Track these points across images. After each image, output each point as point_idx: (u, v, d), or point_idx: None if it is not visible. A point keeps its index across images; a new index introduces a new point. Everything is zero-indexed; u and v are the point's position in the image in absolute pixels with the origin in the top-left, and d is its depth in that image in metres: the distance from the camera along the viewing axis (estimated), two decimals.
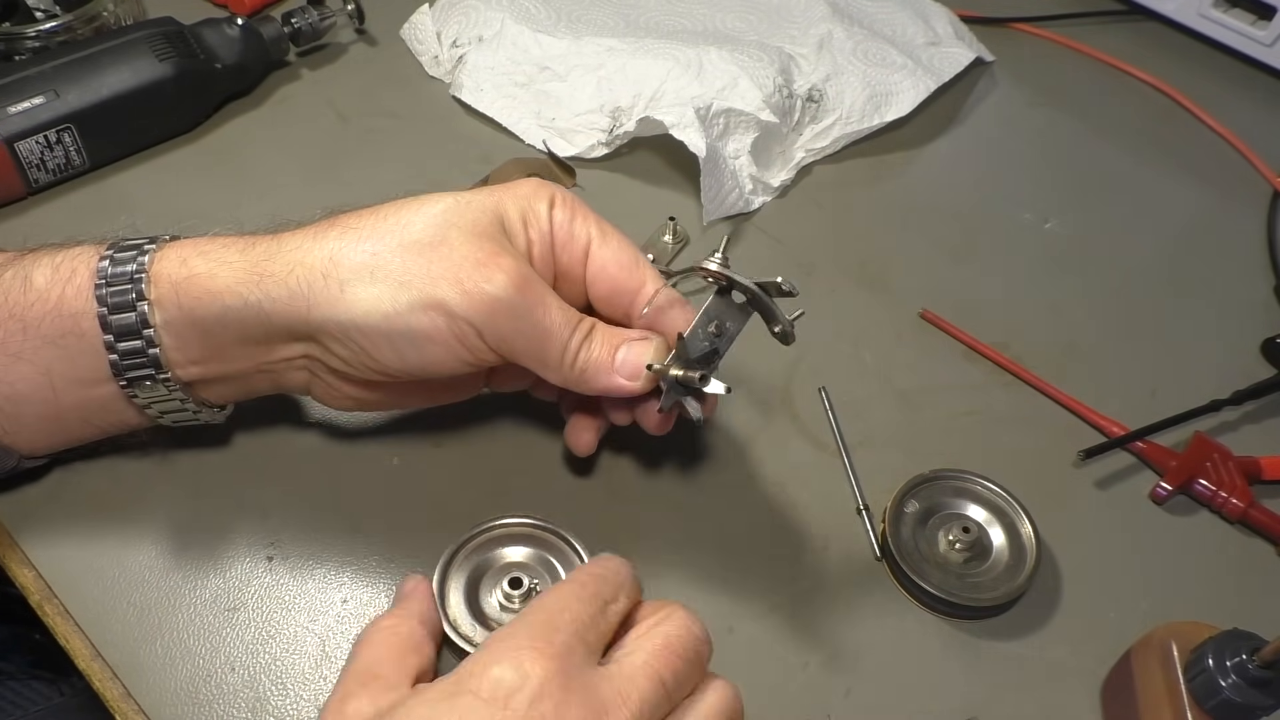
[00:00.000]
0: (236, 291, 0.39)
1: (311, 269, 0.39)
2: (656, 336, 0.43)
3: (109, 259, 0.40)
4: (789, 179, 0.67)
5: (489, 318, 0.39)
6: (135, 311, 0.40)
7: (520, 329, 0.40)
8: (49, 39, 0.63)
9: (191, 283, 0.40)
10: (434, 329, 0.39)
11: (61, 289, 0.40)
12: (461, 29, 0.71)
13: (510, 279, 0.39)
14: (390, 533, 0.47)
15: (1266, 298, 0.64)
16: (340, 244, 0.40)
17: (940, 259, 0.64)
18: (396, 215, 0.40)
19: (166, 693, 0.42)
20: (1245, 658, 0.38)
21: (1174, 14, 0.83)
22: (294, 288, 0.39)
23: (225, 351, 0.41)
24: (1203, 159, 0.74)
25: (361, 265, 0.39)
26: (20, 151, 0.57)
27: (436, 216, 0.40)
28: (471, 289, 0.38)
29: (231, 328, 0.40)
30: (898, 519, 0.49)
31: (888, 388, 0.56)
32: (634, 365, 0.41)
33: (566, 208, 0.43)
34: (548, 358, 0.41)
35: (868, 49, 0.71)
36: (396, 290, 0.39)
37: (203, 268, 0.40)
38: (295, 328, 0.40)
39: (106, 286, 0.40)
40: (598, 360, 0.41)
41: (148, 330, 0.40)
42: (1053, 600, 0.48)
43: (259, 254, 0.40)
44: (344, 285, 0.39)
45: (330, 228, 0.41)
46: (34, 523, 0.46)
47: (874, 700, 0.44)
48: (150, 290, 0.40)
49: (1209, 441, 0.53)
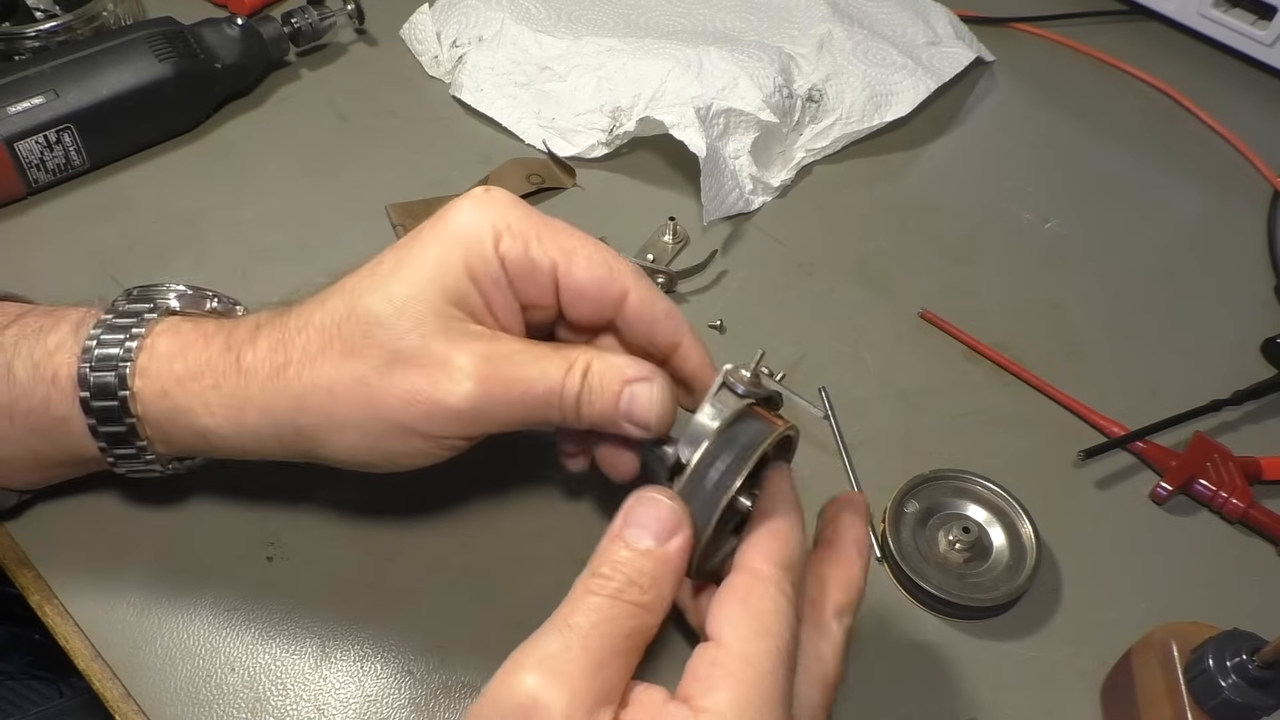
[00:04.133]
0: (218, 433, 0.39)
1: (286, 408, 0.38)
2: (658, 376, 0.39)
3: (89, 363, 0.39)
4: (789, 179, 0.67)
5: (462, 423, 0.38)
6: (123, 424, 0.40)
7: (502, 413, 0.38)
8: (49, 39, 0.63)
9: (175, 419, 0.39)
10: (417, 450, 0.39)
11: (46, 390, 0.40)
12: (461, 29, 0.71)
13: (471, 382, 0.37)
14: (391, 533, 0.47)
15: (1266, 298, 0.64)
16: (301, 381, 0.38)
17: (940, 259, 0.64)
18: (341, 334, 0.38)
19: (166, 693, 0.42)
20: (1245, 658, 0.38)
21: (1174, 14, 0.83)
22: (271, 428, 0.39)
23: (218, 454, 0.41)
24: (1203, 159, 0.74)
25: (327, 408, 0.38)
26: (20, 151, 0.57)
27: (380, 330, 0.37)
28: (435, 410, 0.37)
29: (215, 447, 0.41)
30: (898, 519, 0.49)
31: (888, 388, 0.56)
32: (642, 415, 0.39)
33: (516, 237, 0.38)
34: (549, 419, 0.39)
35: (868, 49, 0.71)
36: (367, 420, 0.38)
37: (183, 402, 0.39)
38: (274, 448, 0.40)
39: (91, 399, 0.39)
40: (602, 413, 0.39)
41: (138, 438, 0.40)
42: (1053, 600, 0.48)
43: (234, 388, 0.39)
44: (315, 430, 0.38)
45: (296, 335, 0.39)
46: (34, 523, 0.46)
47: (874, 700, 0.44)
48: (136, 406, 0.39)
49: (1209, 441, 0.53)
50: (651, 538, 0.34)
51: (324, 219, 0.61)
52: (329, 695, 0.42)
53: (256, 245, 0.58)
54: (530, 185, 0.63)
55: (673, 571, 0.34)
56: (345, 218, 0.61)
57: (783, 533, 0.36)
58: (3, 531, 0.46)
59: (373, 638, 0.44)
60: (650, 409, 0.39)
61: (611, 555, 0.33)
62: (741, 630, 0.33)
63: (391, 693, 0.42)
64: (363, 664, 0.43)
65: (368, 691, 0.42)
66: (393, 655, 0.43)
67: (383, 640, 0.44)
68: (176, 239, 0.58)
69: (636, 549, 0.33)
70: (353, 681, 0.43)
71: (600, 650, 0.31)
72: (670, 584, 0.34)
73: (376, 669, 0.43)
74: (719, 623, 0.33)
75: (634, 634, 0.32)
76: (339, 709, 0.42)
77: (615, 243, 0.58)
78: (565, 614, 0.32)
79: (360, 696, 0.42)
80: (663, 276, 0.58)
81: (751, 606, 0.33)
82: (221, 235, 0.59)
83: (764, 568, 0.35)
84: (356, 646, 0.44)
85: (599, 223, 0.61)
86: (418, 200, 0.62)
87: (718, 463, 0.36)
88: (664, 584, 0.33)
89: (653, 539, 0.34)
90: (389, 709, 0.42)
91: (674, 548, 0.34)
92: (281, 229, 0.60)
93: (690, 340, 0.41)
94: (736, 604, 0.34)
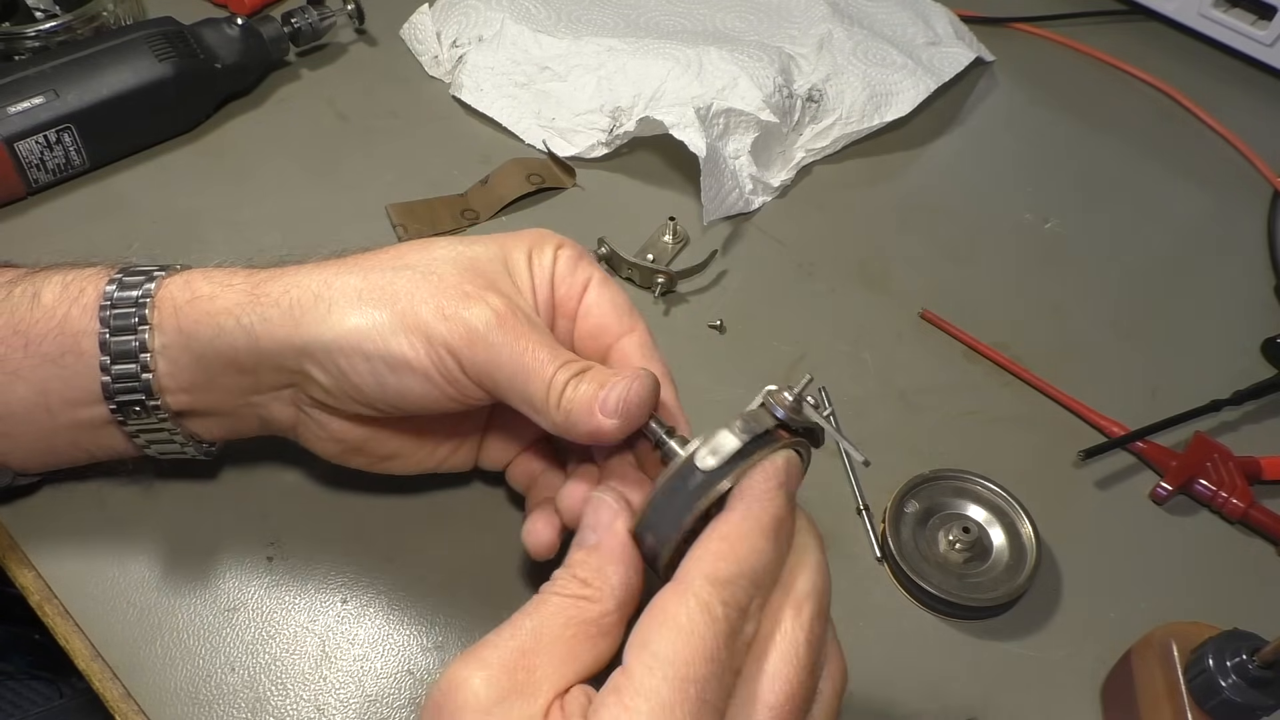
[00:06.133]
0: (233, 313, 0.40)
1: (305, 290, 0.40)
2: (646, 373, 0.38)
3: (117, 282, 0.41)
4: (789, 179, 0.67)
5: (467, 347, 0.38)
6: (135, 335, 0.40)
7: (499, 363, 0.38)
8: (49, 39, 0.63)
9: (194, 305, 0.40)
10: (412, 353, 0.38)
11: (68, 308, 0.41)
12: (461, 29, 0.71)
13: (493, 312, 0.38)
14: (390, 533, 0.47)
15: (1266, 298, 0.64)
16: (336, 271, 0.40)
17: (940, 259, 0.64)
18: (398, 251, 0.41)
19: (166, 693, 0.42)
20: (1245, 658, 0.38)
21: (1174, 14, 0.83)
22: (286, 308, 0.39)
23: (215, 381, 0.41)
24: (1203, 159, 0.74)
25: (351, 289, 0.39)
26: (20, 151, 0.57)
27: (437, 254, 0.40)
28: (451, 315, 0.38)
29: (224, 353, 0.40)
30: (898, 519, 0.49)
31: (888, 388, 0.56)
32: (615, 402, 0.37)
33: (573, 251, 0.43)
34: (532, 396, 0.38)
35: (868, 49, 0.71)
36: (379, 312, 0.39)
37: (205, 290, 0.41)
38: (283, 353, 0.40)
39: (111, 309, 0.40)
40: (583, 398, 0.38)
41: (144, 355, 0.40)
42: (1053, 600, 0.48)
43: (260, 278, 0.41)
44: (331, 306, 0.39)
45: (331, 261, 0.41)
46: (34, 523, 0.46)
47: (874, 700, 0.44)
48: (153, 315, 0.40)
49: (1209, 441, 0.53)
50: (593, 534, 0.35)
51: (323, 219, 0.61)
52: (329, 695, 0.42)
53: (256, 245, 0.58)
54: (530, 185, 0.63)
55: (612, 558, 0.34)
56: (345, 218, 0.61)
57: (732, 537, 0.32)
58: (3, 531, 0.46)
59: (373, 638, 0.44)
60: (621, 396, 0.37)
61: (566, 560, 0.35)
62: (645, 657, 0.30)
63: (391, 693, 0.42)
64: (363, 664, 0.43)
65: (368, 691, 0.42)
66: (393, 655, 0.43)
67: (383, 640, 0.44)
68: (176, 239, 0.58)
69: (583, 549, 0.35)
70: (353, 681, 0.43)
71: (530, 641, 0.32)
72: (614, 569, 0.34)
73: (376, 669, 0.43)
74: (630, 643, 0.31)
75: (571, 623, 0.32)
76: (339, 709, 0.42)
77: (615, 243, 0.59)
78: (516, 613, 0.33)
79: (360, 696, 0.42)
80: (663, 276, 0.58)
81: (665, 627, 0.30)
82: (221, 235, 0.59)
83: (693, 580, 0.31)
84: (356, 646, 0.44)
85: (599, 223, 0.61)
86: (418, 200, 0.62)
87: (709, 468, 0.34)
88: (606, 571, 0.34)
89: (594, 535, 0.35)
90: (389, 709, 0.42)
91: (607, 537, 0.34)
92: (281, 229, 0.60)
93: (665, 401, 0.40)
94: (651, 624, 0.31)
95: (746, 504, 0.33)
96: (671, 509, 0.34)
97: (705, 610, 0.30)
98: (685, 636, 0.30)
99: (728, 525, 0.32)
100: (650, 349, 0.42)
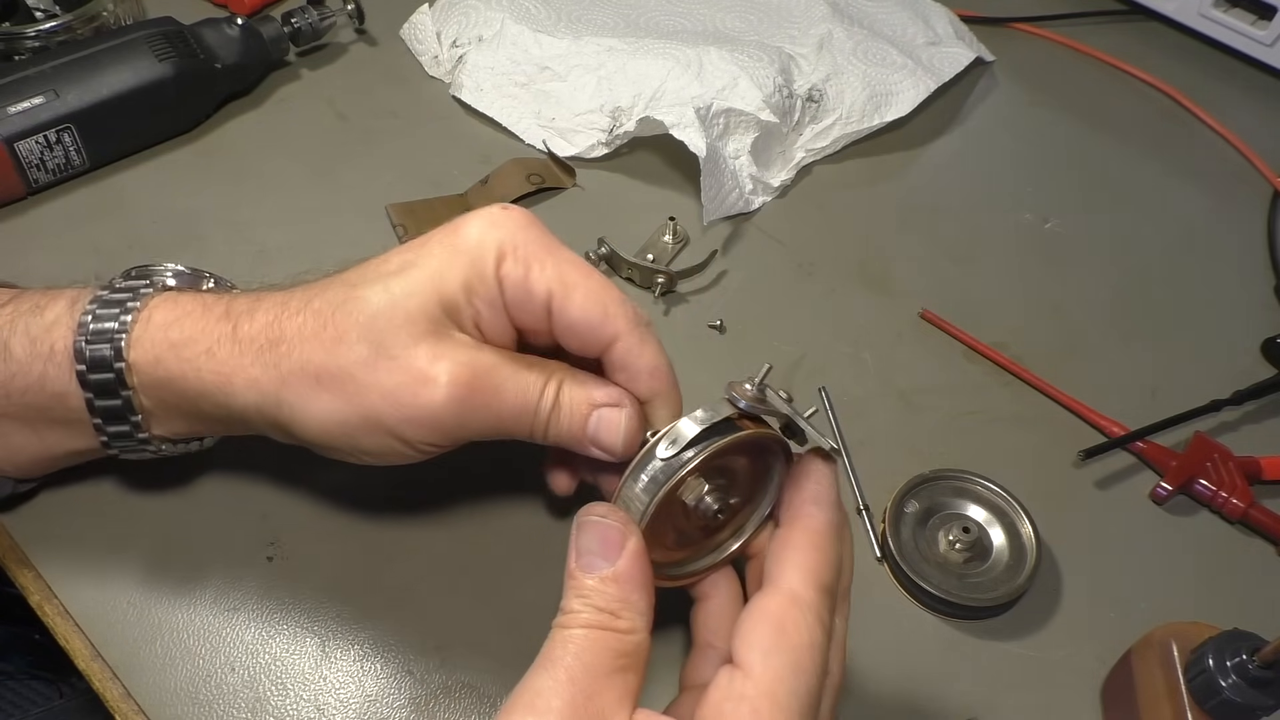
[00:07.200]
0: (208, 398, 0.39)
1: (272, 383, 0.39)
2: (626, 403, 0.39)
3: (85, 334, 0.39)
4: (789, 179, 0.67)
5: (437, 429, 0.38)
6: (119, 398, 0.40)
7: (476, 423, 0.38)
8: (49, 39, 0.63)
9: (168, 386, 0.40)
10: (389, 447, 0.38)
11: (43, 366, 0.40)
12: (461, 29, 0.71)
13: (451, 386, 0.37)
14: (391, 533, 0.47)
15: (1266, 298, 0.64)
16: (290, 360, 0.38)
17: (940, 259, 0.64)
18: (334, 321, 0.38)
19: (166, 693, 0.42)
20: (1245, 658, 0.38)
21: (1174, 14, 0.83)
22: (257, 399, 0.39)
23: (204, 414, 0.41)
24: (1203, 159, 0.74)
25: (311, 392, 0.38)
26: (20, 151, 0.57)
27: (373, 323, 0.37)
28: (411, 412, 0.37)
29: (210, 413, 0.40)
30: (898, 519, 0.49)
31: (888, 388, 0.56)
32: (608, 441, 0.39)
33: (519, 260, 0.38)
34: (518, 434, 0.39)
35: (868, 49, 0.71)
36: (345, 409, 0.38)
37: (176, 368, 0.39)
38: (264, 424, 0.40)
39: (88, 372, 0.39)
40: (570, 434, 0.39)
41: (134, 416, 0.40)
42: (1053, 600, 0.48)
43: (227, 355, 0.39)
44: (295, 411, 0.38)
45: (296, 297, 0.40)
46: (34, 523, 0.46)
47: (874, 700, 0.44)
48: (130, 376, 0.39)
49: (1209, 441, 0.53)
50: (603, 560, 0.34)
51: (323, 219, 0.61)
52: (329, 695, 0.42)
53: (256, 245, 0.58)
54: (530, 185, 0.63)
55: (636, 585, 0.34)
56: (345, 217, 0.61)
57: (824, 546, 0.34)
58: (3, 531, 0.46)
59: (373, 638, 0.44)
60: (616, 435, 0.39)
61: (575, 589, 0.33)
62: (774, 665, 0.31)
63: (391, 693, 0.42)
64: (363, 664, 0.43)
65: (368, 691, 0.42)
66: (393, 655, 0.43)
67: (383, 640, 0.44)
68: (176, 239, 0.58)
69: (596, 577, 0.33)
70: (353, 681, 0.43)
71: (586, 680, 0.31)
72: (639, 595, 0.33)
73: (376, 669, 0.43)
74: (749, 649, 0.32)
75: (620, 655, 0.32)
76: (339, 709, 0.42)
77: (615, 243, 0.59)
78: (547, 653, 0.32)
79: (360, 696, 0.42)
80: (663, 276, 0.58)
81: (788, 638, 0.32)
82: (221, 235, 0.59)
83: (804, 592, 0.33)
84: (356, 646, 0.44)
85: (599, 223, 0.61)
86: (418, 200, 0.62)
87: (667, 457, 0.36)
88: (632, 599, 0.33)
89: (605, 561, 0.34)
90: (389, 709, 0.42)
91: (627, 562, 0.34)
92: (281, 229, 0.60)
93: (666, 400, 0.40)
94: (771, 633, 0.32)
95: (821, 501, 0.36)
96: (634, 498, 0.36)
97: (819, 622, 0.33)
98: (808, 648, 0.32)
99: (815, 530, 0.35)
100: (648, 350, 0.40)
